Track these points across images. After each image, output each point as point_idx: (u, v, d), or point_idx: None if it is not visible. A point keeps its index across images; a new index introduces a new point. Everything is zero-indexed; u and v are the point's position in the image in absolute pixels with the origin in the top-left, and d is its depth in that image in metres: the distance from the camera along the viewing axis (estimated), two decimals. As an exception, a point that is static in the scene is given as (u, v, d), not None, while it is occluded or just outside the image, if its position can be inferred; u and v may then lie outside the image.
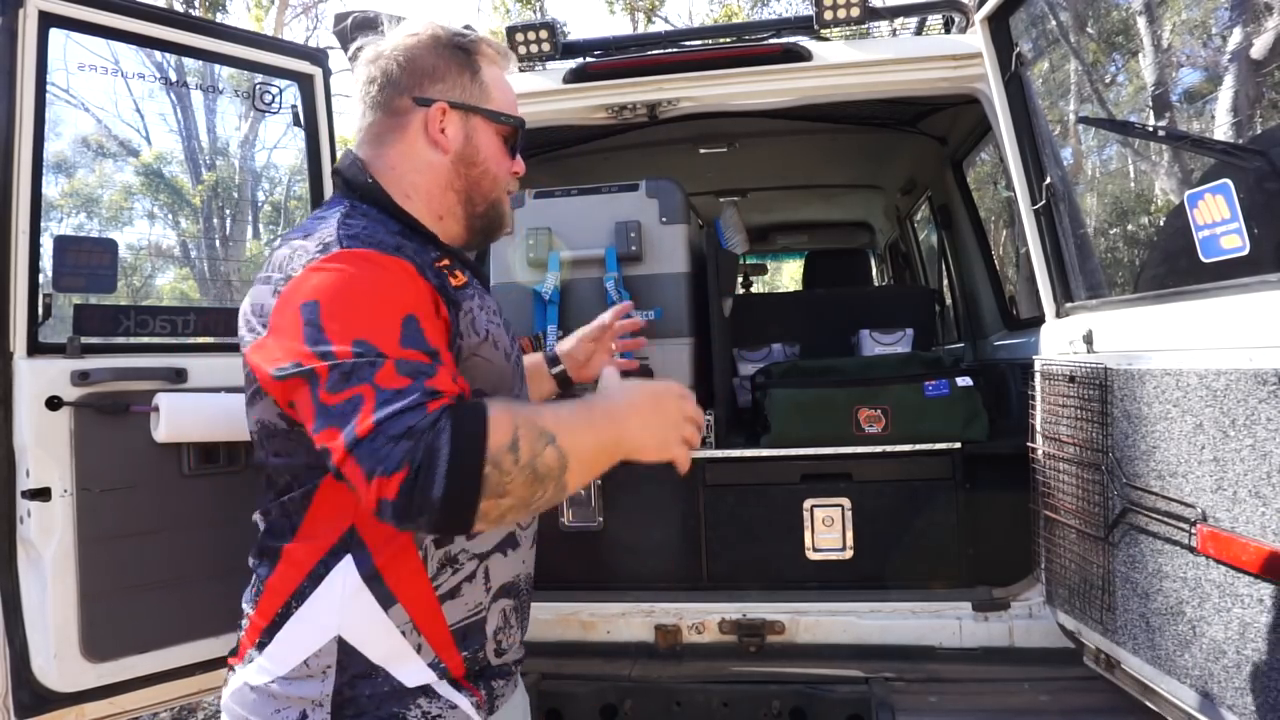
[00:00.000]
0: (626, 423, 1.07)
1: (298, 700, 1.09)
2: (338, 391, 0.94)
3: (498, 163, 1.27)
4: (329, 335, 0.96)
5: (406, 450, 0.88)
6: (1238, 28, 2.29)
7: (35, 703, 1.85)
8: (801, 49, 2.45)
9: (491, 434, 0.91)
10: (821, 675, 2.11)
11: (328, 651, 1.10)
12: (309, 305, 0.99)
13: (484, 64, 1.27)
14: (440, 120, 1.22)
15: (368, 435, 0.90)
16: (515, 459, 0.92)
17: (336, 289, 1.00)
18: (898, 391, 2.38)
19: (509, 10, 14.41)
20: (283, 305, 1.01)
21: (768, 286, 16.02)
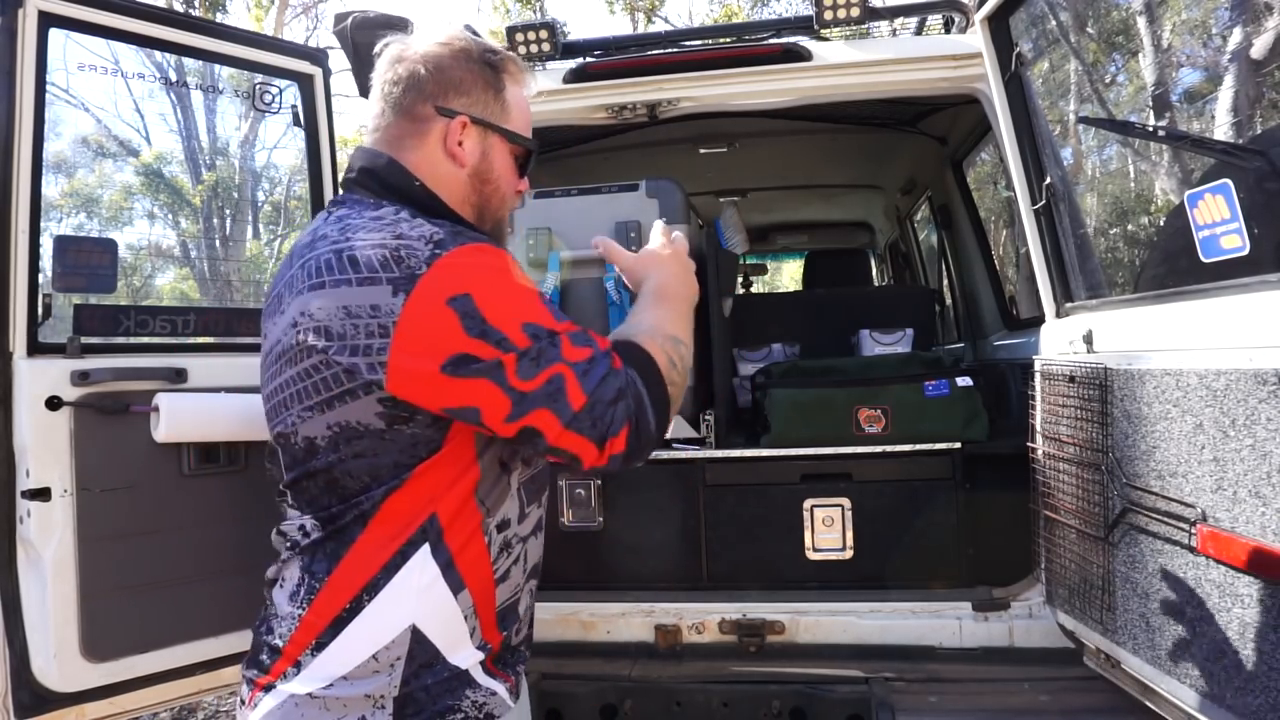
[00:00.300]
0: (679, 291, 1.34)
1: (357, 702, 1.09)
2: (531, 376, 1.03)
3: (508, 181, 1.30)
4: (496, 324, 1.03)
5: (625, 409, 1.07)
6: (1238, 28, 2.28)
7: (35, 703, 1.85)
8: (801, 49, 2.45)
9: (658, 363, 1.13)
10: (821, 675, 2.11)
11: (400, 643, 1.10)
12: (460, 299, 1.03)
13: (509, 83, 1.28)
14: (460, 133, 1.23)
15: (584, 407, 1.04)
16: (677, 371, 1.16)
17: (483, 280, 1.05)
18: (898, 391, 2.38)
19: (509, 10, 14.41)
20: (422, 302, 1.02)
21: (768, 286, 16.02)
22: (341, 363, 1.06)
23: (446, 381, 1.03)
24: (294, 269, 1.15)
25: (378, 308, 1.04)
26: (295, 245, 1.21)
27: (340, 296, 1.06)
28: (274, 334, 1.17)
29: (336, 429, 1.10)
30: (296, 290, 1.11)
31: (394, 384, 1.04)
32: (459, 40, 1.25)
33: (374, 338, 1.04)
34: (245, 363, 2.19)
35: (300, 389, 1.11)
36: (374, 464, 1.10)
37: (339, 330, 1.06)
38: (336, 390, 1.08)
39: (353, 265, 1.07)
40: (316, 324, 1.07)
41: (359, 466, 1.10)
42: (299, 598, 1.13)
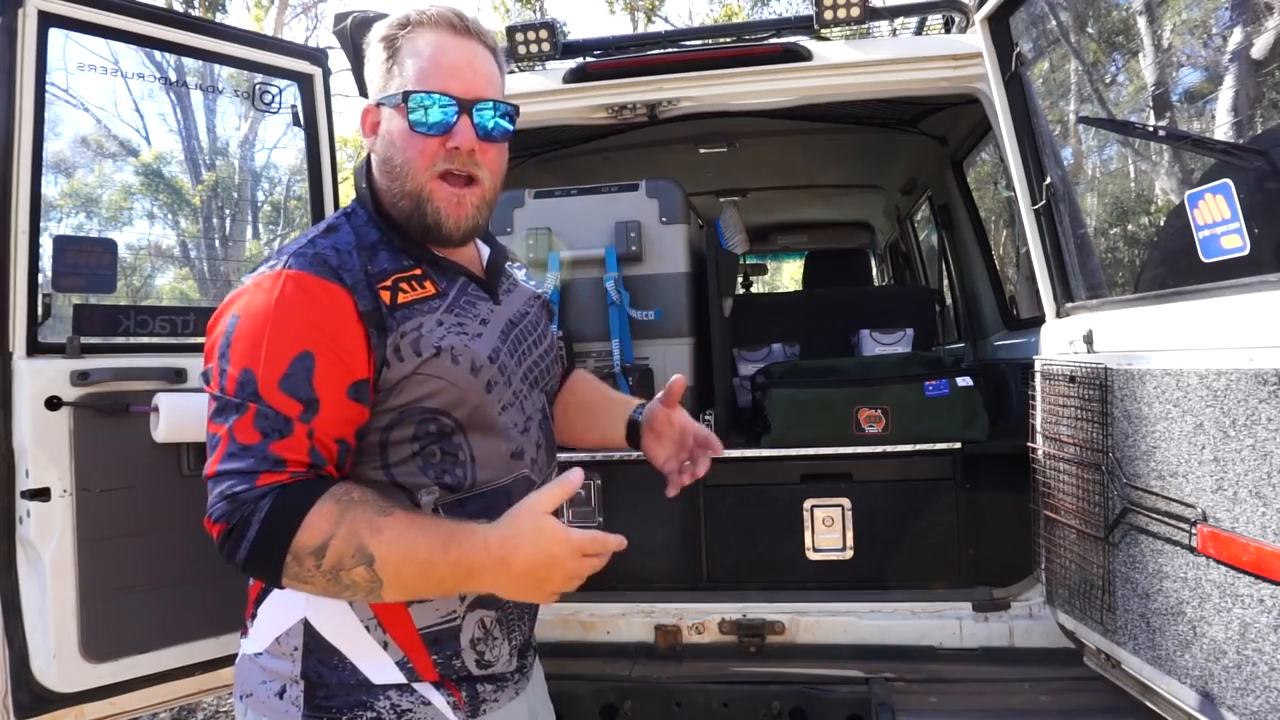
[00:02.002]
0: (480, 576, 1.01)
1: (277, 675, 1.13)
2: (213, 422, 1.02)
3: (405, 148, 1.13)
4: (231, 354, 1.03)
5: (226, 511, 0.98)
6: (1238, 28, 2.28)
7: (35, 703, 1.85)
8: (801, 49, 2.45)
9: (301, 532, 0.96)
10: (821, 675, 2.11)
11: (295, 633, 1.13)
12: (232, 318, 1.05)
13: (405, 45, 1.15)
14: (368, 123, 1.20)
15: (211, 478, 1.01)
16: (317, 564, 0.97)
17: (253, 311, 1.04)
18: (898, 391, 2.38)
19: (509, 10, 14.41)
20: (220, 310, 1.07)
21: (768, 286, 16.02)
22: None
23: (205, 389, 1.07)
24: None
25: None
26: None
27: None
28: None
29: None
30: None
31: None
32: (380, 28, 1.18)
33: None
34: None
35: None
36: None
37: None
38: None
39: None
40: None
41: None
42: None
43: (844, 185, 4.96)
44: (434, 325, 1.12)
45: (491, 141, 1.16)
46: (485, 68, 1.17)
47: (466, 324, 1.16)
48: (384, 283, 1.11)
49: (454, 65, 1.13)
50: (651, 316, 2.50)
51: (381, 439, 1.10)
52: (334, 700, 1.11)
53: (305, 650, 1.12)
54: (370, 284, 1.09)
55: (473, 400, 1.13)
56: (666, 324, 2.51)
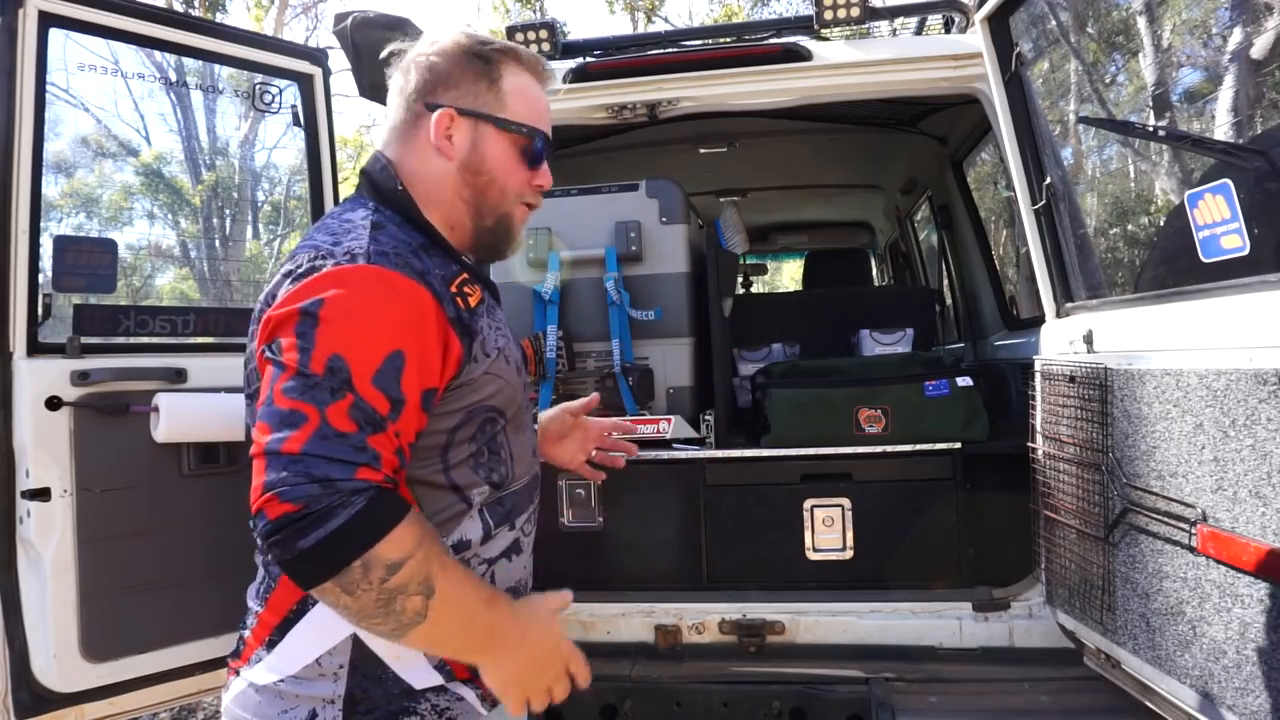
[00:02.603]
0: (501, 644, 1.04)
1: (308, 699, 1.09)
2: (290, 397, 0.95)
3: (507, 174, 1.23)
4: (319, 336, 0.98)
5: (310, 494, 0.90)
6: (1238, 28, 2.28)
7: (35, 703, 1.85)
8: (801, 49, 2.45)
9: (385, 542, 0.92)
10: (821, 675, 2.11)
11: (341, 650, 1.10)
12: (314, 302, 1.00)
13: (507, 73, 1.23)
14: (447, 126, 1.20)
15: (290, 454, 0.92)
16: (385, 579, 0.93)
17: (344, 299, 1.00)
18: (898, 391, 2.38)
19: (509, 10, 14.41)
20: (293, 295, 1.02)
21: (768, 286, 16.02)
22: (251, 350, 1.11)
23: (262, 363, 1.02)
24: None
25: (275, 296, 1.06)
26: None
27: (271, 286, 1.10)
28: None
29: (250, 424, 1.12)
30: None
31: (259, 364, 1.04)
32: (451, 36, 1.23)
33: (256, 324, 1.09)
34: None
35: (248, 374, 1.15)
36: None
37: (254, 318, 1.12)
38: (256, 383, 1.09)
39: (290, 260, 1.09)
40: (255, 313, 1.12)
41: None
42: (259, 594, 1.15)
43: (844, 185, 4.96)
44: (489, 328, 1.17)
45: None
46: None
47: (501, 327, 1.23)
48: (461, 278, 1.15)
49: (545, 111, 1.28)
50: (651, 316, 2.50)
51: (447, 439, 1.12)
52: (376, 713, 1.10)
53: (352, 668, 1.09)
54: (447, 288, 1.11)
55: (519, 398, 1.22)
56: (666, 324, 2.51)
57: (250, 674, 1.13)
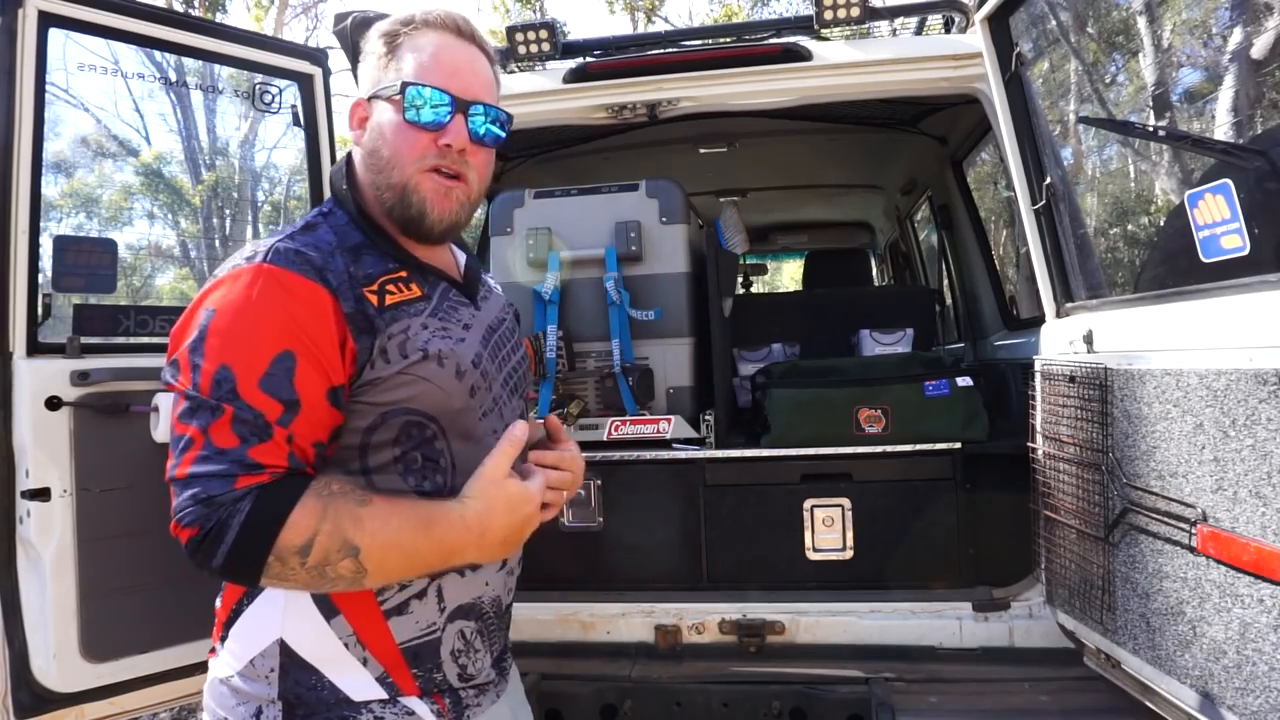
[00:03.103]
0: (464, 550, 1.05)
1: (254, 697, 1.10)
2: (182, 422, 0.97)
3: (398, 141, 1.12)
4: (206, 349, 0.98)
5: (199, 515, 0.94)
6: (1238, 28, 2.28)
7: (35, 703, 1.85)
8: (801, 49, 2.45)
9: (285, 532, 0.94)
10: (821, 675, 2.11)
11: (271, 654, 1.09)
12: (207, 312, 1.01)
13: (405, 43, 1.15)
14: (361, 118, 1.18)
15: (182, 480, 0.96)
16: (303, 561, 0.96)
17: (231, 306, 1.00)
18: (898, 391, 2.38)
19: (509, 10, 14.41)
20: (195, 303, 1.03)
21: (768, 286, 16.02)
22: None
23: (165, 383, 1.02)
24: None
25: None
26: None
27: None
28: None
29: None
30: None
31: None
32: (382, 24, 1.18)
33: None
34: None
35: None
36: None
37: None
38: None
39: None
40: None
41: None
42: (218, 592, 1.17)
43: (844, 185, 4.96)
44: (419, 329, 1.11)
45: (482, 145, 1.16)
46: (484, 73, 1.17)
47: (450, 328, 1.15)
48: (371, 286, 1.09)
49: (454, 65, 1.14)
50: (651, 316, 2.50)
51: (363, 440, 1.08)
52: (315, 718, 1.08)
53: (282, 671, 1.09)
54: (354, 286, 1.07)
55: (456, 404, 1.12)
56: (666, 324, 2.51)
57: (214, 666, 1.15)
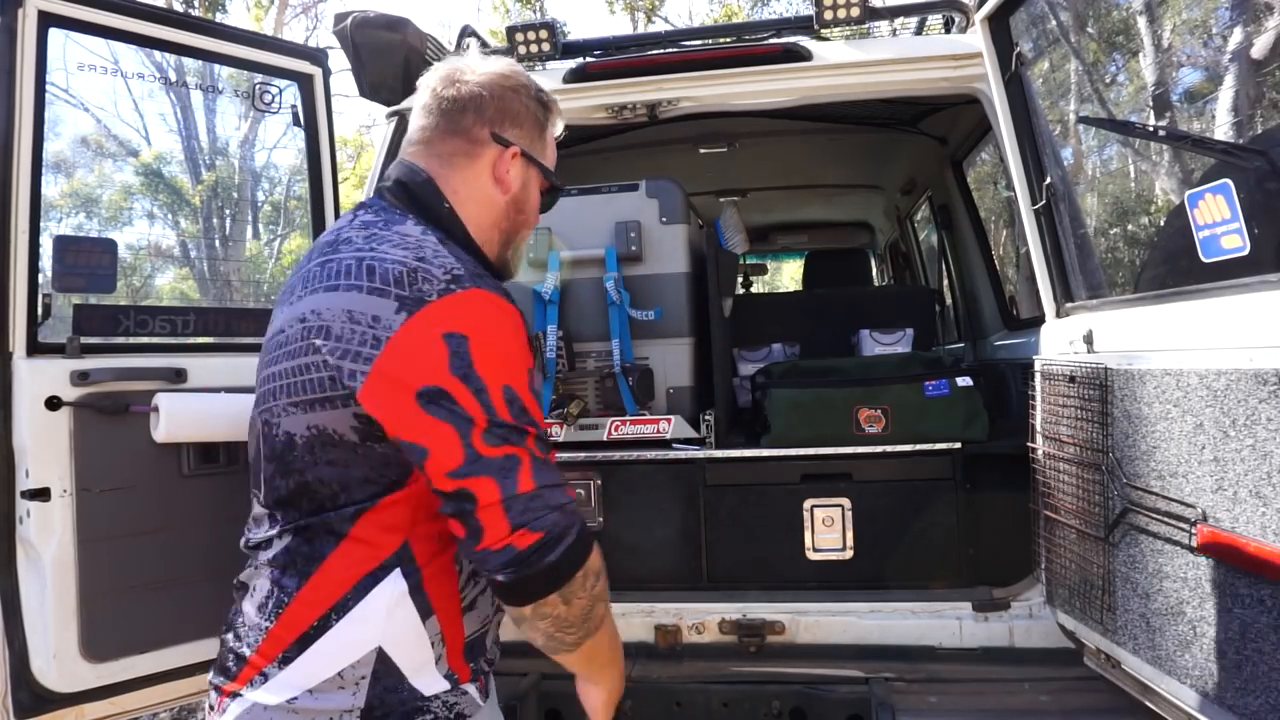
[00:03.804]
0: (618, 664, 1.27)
1: (324, 712, 1.09)
2: (495, 446, 1.03)
3: (533, 211, 1.36)
4: (480, 373, 1.04)
5: (554, 520, 1.04)
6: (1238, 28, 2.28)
7: (35, 703, 1.85)
8: (801, 49, 2.44)
9: (594, 553, 1.10)
10: (821, 675, 2.11)
11: (365, 662, 1.11)
12: (455, 337, 1.04)
13: (550, 124, 1.37)
14: (509, 162, 1.29)
15: (529, 493, 1.03)
16: (594, 585, 1.10)
17: (484, 329, 1.06)
18: (898, 391, 2.38)
19: (509, 10, 14.42)
20: (420, 327, 1.04)
21: (768, 286, 16.02)
22: (332, 365, 1.07)
23: (414, 411, 1.03)
24: (312, 264, 1.17)
25: (378, 319, 1.05)
26: (318, 241, 1.23)
27: (349, 300, 1.08)
28: (279, 322, 1.18)
29: (314, 431, 1.10)
30: (312, 287, 1.13)
31: (366, 395, 1.05)
32: (521, 76, 1.33)
33: (365, 346, 1.05)
34: (245, 363, 2.18)
35: (292, 383, 1.11)
36: (344, 475, 1.10)
37: (338, 332, 1.07)
38: (320, 394, 1.09)
39: (369, 274, 1.09)
40: (322, 323, 1.09)
41: (330, 475, 1.11)
42: (267, 610, 1.13)
43: (844, 185, 4.96)
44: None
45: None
46: None
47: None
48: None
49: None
50: (651, 316, 2.50)
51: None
52: (391, 716, 1.12)
53: (373, 678, 1.11)
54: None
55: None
56: (666, 324, 2.51)
57: (255, 694, 1.11)
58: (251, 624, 1.14)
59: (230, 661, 1.15)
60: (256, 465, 1.20)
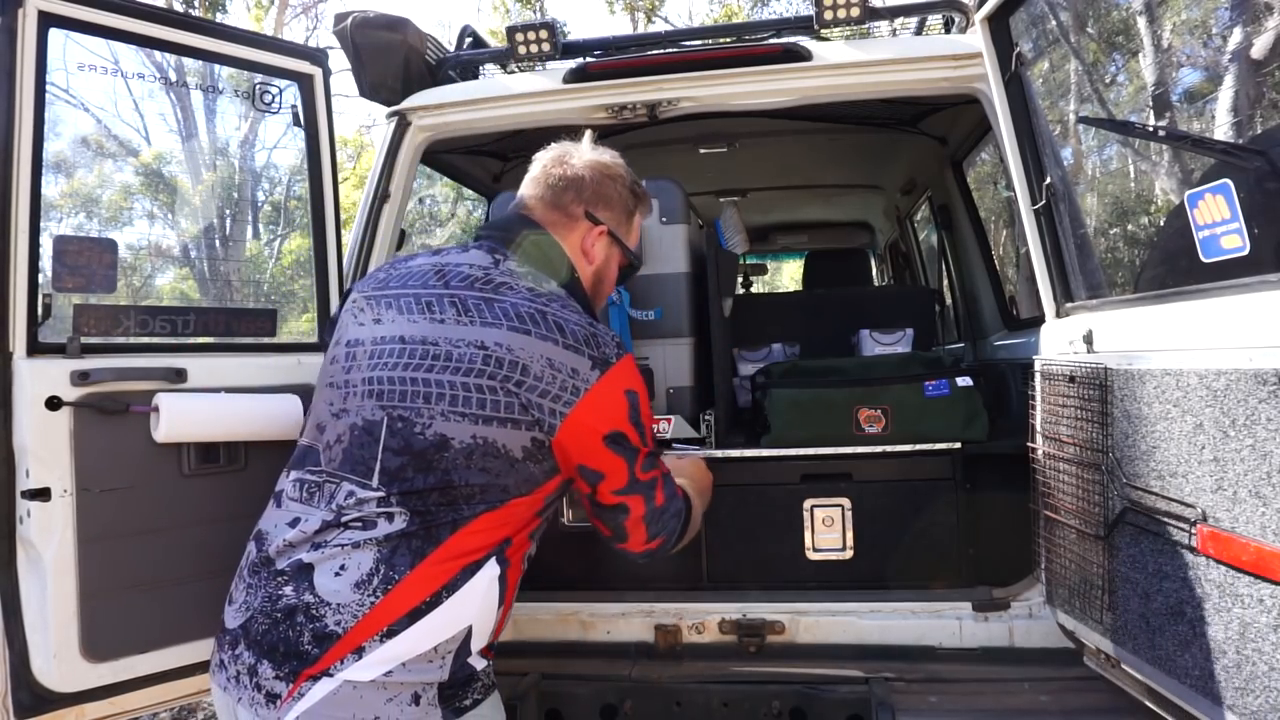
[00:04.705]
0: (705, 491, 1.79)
1: (411, 685, 1.21)
2: (647, 471, 1.39)
3: (611, 284, 1.62)
4: (643, 420, 1.38)
5: (674, 527, 1.46)
6: (1238, 28, 2.29)
7: (35, 703, 1.85)
8: (801, 49, 2.44)
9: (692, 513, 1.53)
10: (821, 675, 2.11)
11: (458, 638, 1.26)
12: (632, 394, 1.37)
13: (639, 213, 1.61)
14: (595, 239, 1.53)
15: (660, 506, 1.42)
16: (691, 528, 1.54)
17: (640, 386, 1.39)
18: (898, 391, 2.38)
19: (509, 10, 14.42)
20: (611, 384, 1.34)
21: (768, 286, 16.01)
22: (525, 398, 1.28)
23: (600, 448, 1.33)
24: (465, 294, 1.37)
25: (577, 372, 1.31)
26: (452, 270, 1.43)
27: (547, 350, 1.31)
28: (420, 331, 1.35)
29: (479, 441, 1.27)
30: (485, 320, 1.33)
31: (564, 431, 1.30)
32: (619, 167, 1.57)
33: (565, 392, 1.30)
34: (245, 363, 2.18)
35: (460, 395, 1.28)
36: (492, 483, 1.28)
37: (538, 373, 1.30)
38: (503, 414, 1.28)
39: (559, 330, 1.33)
40: (516, 359, 1.30)
41: (479, 479, 1.27)
42: (370, 586, 1.21)
43: (844, 185, 4.95)
44: None
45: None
46: None
47: None
48: None
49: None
50: (651, 316, 2.50)
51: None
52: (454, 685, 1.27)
53: (458, 653, 1.26)
54: None
55: None
56: (666, 324, 2.51)
57: (347, 673, 1.19)
58: (344, 601, 1.21)
59: (307, 644, 1.19)
60: (357, 449, 1.31)
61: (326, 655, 1.18)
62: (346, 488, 1.28)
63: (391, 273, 1.50)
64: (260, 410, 2.07)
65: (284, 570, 1.25)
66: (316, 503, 1.30)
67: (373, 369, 1.35)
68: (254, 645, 1.23)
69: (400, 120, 2.66)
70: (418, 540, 1.24)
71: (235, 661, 1.26)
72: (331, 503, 1.28)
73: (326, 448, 1.35)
